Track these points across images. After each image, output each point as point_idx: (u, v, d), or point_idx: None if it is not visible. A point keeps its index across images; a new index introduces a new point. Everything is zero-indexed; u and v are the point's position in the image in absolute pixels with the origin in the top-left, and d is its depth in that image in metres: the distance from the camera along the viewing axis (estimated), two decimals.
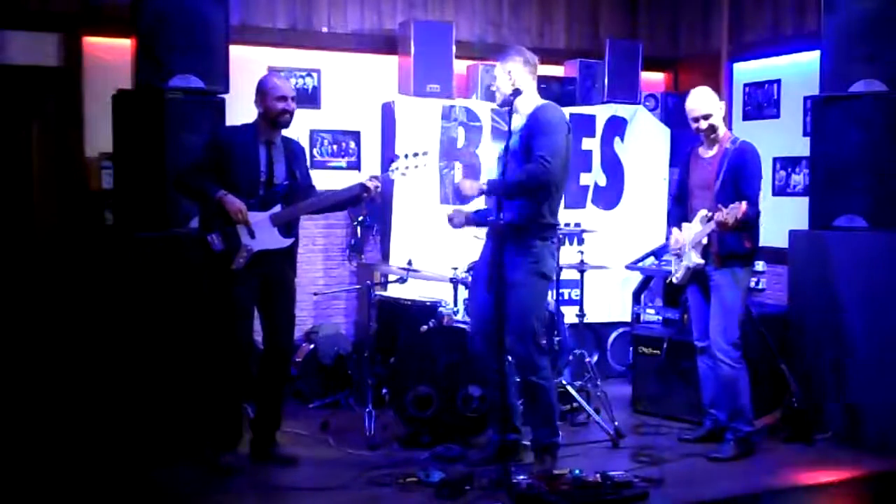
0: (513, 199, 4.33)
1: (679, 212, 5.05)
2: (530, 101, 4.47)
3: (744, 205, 4.45)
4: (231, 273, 4.34)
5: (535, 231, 4.39)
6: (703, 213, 4.76)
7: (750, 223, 4.64)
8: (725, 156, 4.78)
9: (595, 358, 6.30)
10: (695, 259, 4.80)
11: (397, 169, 4.53)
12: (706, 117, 4.82)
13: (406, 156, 4.55)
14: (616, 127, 6.69)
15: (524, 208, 4.35)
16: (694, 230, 4.81)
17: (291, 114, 4.46)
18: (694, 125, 4.88)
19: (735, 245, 4.72)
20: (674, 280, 5.01)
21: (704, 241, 4.74)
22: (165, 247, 4.74)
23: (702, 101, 4.85)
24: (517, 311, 4.32)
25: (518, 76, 4.46)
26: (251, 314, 4.54)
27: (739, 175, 4.72)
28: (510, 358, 4.45)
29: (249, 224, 4.32)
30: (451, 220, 4.75)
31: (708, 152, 4.89)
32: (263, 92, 4.43)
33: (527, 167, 4.30)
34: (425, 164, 4.54)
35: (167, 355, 4.74)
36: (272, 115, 4.41)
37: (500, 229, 4.24)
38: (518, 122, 4.44)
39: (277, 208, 4.40)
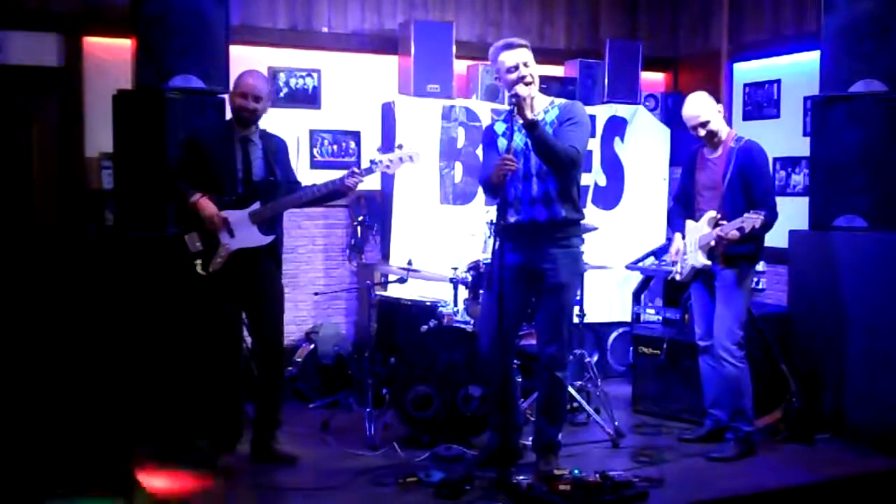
0: (545, 157, 4.13)
1: (680, 211, 5.04)
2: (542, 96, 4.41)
3: (760, 218, 4.46)
4: (210, 273, 4.33)
5: (576, 229, 4.36)
6: (711, 214, 4.73)
7: (762, 230, 4.61)
8: (731, 155, 4.74)
9: (595, 358, 6.29)
10: (701, 259, 4.78)
11: (381, 162, 4.47)
12: (704, 125, 4.76)
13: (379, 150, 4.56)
14: (616, 127, 6.68)
15: (569, 205, 4.26)
16: (701, 231, 4.79)
17: (251, 112, 4.38)
18: (693, 132, 4.84)
19: (741, 245, 4.69)
20: (676, 277, 4.99)
21: (712, 243, 4.73)
22: (160, 247, 4.74)
23: (698, 109, 4.78)
24: (561, 311, 4.32)
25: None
26: (237, 313, 4.54)
27: (748, 177, 4.69)
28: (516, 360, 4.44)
29: (222, 230, 4.31)
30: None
31: (713, 153, 4.86)
32: (233, 87, 4.45)
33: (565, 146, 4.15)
34: (410, 157, 4.49)
35: (166, 355, 4.75)
36: (233, 111, 4.42)
37: (537, 227, 4.23)
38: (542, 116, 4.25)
39: (256, 205, 4.37)
